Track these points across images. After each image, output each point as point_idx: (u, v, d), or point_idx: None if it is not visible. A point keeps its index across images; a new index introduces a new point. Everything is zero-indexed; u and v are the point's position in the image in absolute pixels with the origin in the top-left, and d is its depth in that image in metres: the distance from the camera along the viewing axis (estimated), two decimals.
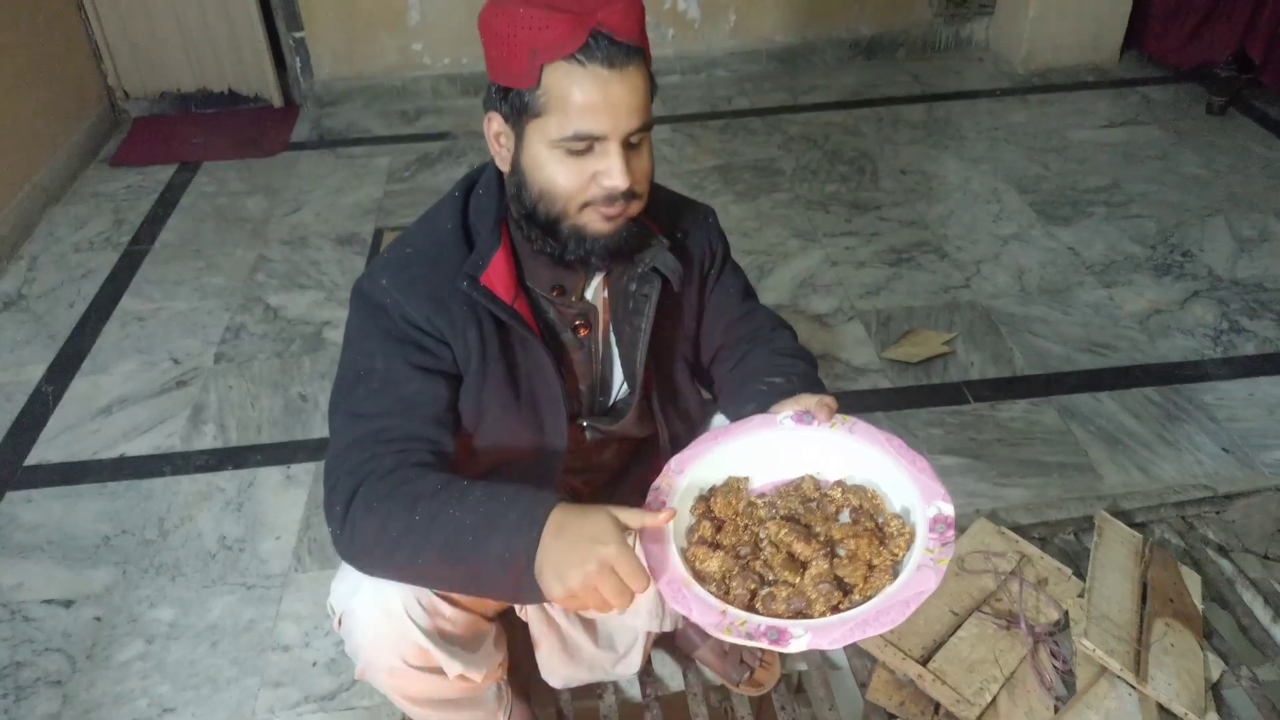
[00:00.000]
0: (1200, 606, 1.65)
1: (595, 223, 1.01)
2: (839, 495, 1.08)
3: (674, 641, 1.64)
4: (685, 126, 3.56)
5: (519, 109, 0.99)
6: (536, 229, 1.04)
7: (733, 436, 1.12)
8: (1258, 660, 1.61)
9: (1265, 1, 3.25)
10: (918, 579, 0.94)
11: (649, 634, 1.42)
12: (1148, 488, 1.94)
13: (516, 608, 1.29)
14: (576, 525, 0.89)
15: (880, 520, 1.04)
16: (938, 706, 1.50)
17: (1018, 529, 1.81)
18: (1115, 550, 1.70)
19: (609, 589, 0.86)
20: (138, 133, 3.61)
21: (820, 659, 1.64)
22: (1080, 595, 1.62)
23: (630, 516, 0.91)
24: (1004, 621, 1.59)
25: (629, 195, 1.00)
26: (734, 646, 1.60)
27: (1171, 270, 2.65)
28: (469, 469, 1.13)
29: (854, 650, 1.62)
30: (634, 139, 0.99)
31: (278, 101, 3.77)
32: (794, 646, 0.89)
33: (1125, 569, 1.67)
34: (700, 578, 0.97)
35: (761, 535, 1.03)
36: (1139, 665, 1.50)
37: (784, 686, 1.61)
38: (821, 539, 1.02)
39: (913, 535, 1.00)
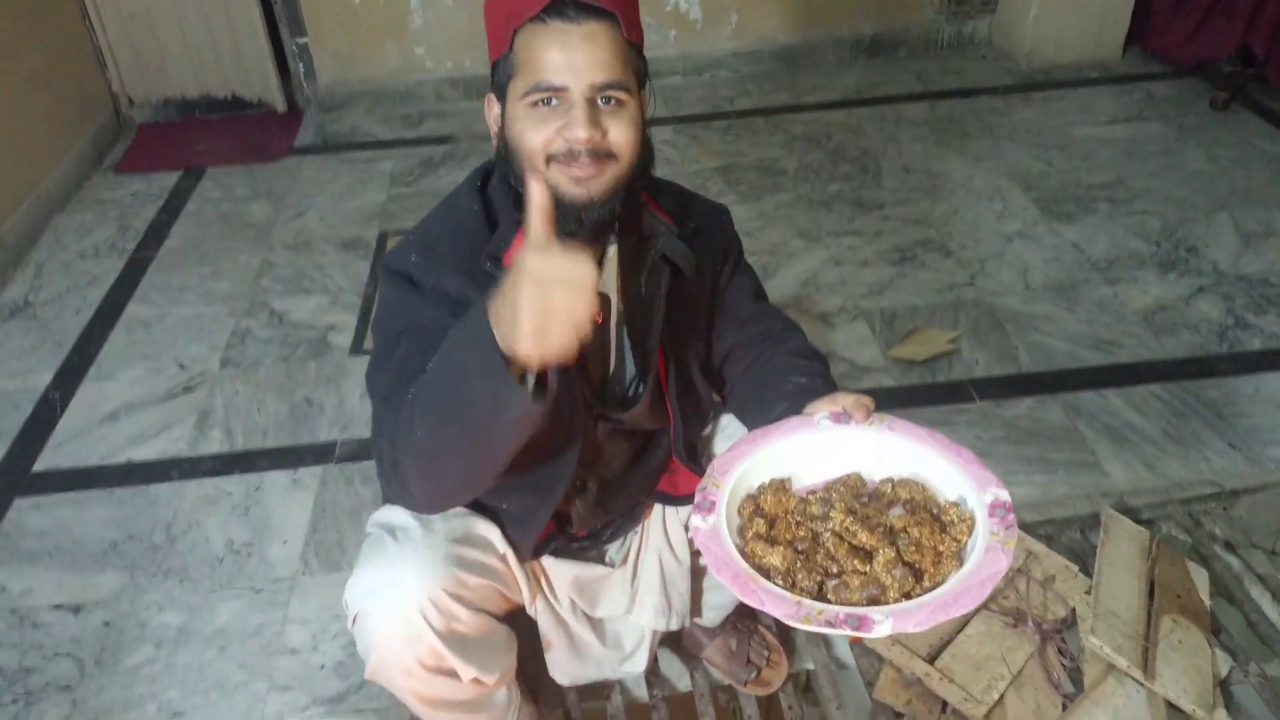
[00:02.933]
0: (1208, 603, 1.65)
1: (565, 184, 1.01)
2: (889, 490, 1.08)
3: (681, 641, 1.64)
4: (688, 127, 3.56)
5: (501, 78, 1.04)
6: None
7: (773, 438, 1.12)
8: (1266, 656, 1.60)
9: None
10: (988, 560, 0.94)
11: (656, 633, 1.42)
12: (1154, 484, 1.94)
13: (526, 605, 1.30)
14: (500, 289, 0.86)
15: (935, 510, 1.04)
16: (945, 705, 1.50)
17: (1024, 526, 1.81)
18: (1122, 547, 1.69)
19: (555, 290, 0.81)
20: (142, 139, 3.63)
21: (827, 658, 1.64)
22: (1087, 592, 1.62)
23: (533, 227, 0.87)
24: (1011, 619, 1.59)
25: (598, 154, 1.00)
26: (740, 646, 1.60)
27: (1176, 266, 2.65)
28: None
29: (861, 649, 1.62)
30: (607, 99, 1.00)
31: (281, 107, 3.78)
32: (878, 632, 0.89)
33: (1132, 566, 1.66)
34: (764, 572, 0.97)
35: (821, 528, 1.02)
36: (1147, 662, 1.50)
37: (791, 686, 1.61)
38: (884, 529, 1.01)
39: (973, 522, 1.00)
